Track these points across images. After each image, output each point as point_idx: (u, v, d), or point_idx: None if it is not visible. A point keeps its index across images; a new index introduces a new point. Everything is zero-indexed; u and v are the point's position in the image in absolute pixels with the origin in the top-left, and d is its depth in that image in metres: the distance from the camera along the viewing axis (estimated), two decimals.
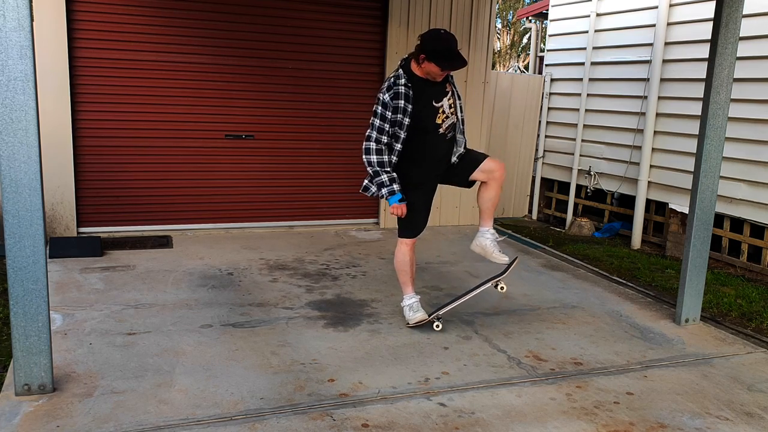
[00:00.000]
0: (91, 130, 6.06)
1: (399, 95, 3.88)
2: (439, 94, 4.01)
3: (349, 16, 6.77)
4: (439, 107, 4.00)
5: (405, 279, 4.26)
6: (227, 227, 6.69)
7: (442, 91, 4.03)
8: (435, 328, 4.18)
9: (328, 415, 3.10)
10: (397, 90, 3.88)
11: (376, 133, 3.93)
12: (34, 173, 2.95)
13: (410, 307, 4.25)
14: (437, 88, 4.00)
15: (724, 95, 4.27)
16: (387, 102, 3.88)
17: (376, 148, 3.94)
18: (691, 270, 4.48)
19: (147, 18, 6.07)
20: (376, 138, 3.93)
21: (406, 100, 3.88)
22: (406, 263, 4.22)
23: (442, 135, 4.06)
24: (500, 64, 23.10)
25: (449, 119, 4.06)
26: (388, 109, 3.89)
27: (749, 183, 6.33)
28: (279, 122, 6.69)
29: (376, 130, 3.93)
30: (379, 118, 3.92)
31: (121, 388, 3.25)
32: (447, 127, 4.06)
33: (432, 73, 3.89)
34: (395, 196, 3.95)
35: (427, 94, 3.95)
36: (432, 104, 3.97)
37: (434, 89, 3.99)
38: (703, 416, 3.27)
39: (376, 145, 3.94)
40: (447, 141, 4.10)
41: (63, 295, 4.57)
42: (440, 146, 4.09)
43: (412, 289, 4.28)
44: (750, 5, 5.28)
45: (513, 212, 9.17)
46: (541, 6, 11.90)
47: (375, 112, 3.94)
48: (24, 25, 2.86)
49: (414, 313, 4.21)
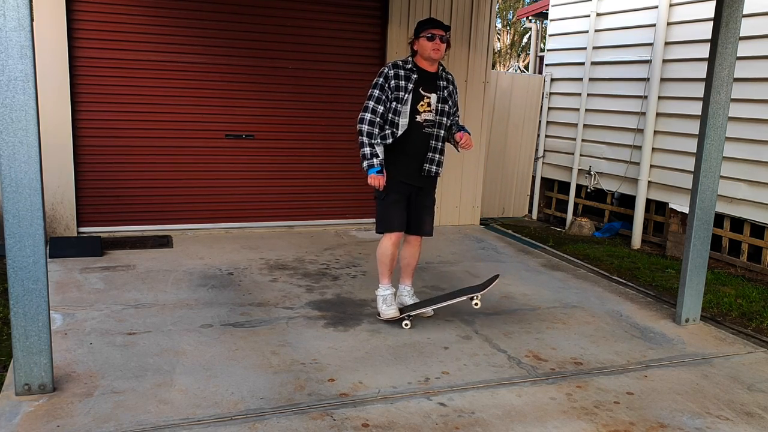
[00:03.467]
0: (91, 130, 6.06)
1: (400, 75, 4.04)
2: (430, 86, 4.13)
3: (349, 16, 6.77)
4: (424, 96, 4.09)
5: (383, 269, 4.24)
6: (227, 227, 6.69)
7: (434, 86, 4.14)
8: (404, 326, 4.18)
9: (329, 414, 3.10)
10: (399, 71, 4.05)
11: (373, 102, 4.05)
12: (34, 173, 2.95)
13: (384, 299, 4.24)
14: (431, 81, 4.13)
15: (724, 95, 4.27)
16: (390, 75, 4.03)
17: (369, 119, 4.04)
18: (691, 270, 4.48)
19: (147, 18, 6.07)
20: (372, 108, 4.04)
21: (407, 80, 4.03)
22: (387, 256, 4.20)
23: (419, 124, 4.09)
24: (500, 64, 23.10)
25: (430, 114, 4.11)
26: (390, 80, 4.02)
27: (749, 183, 6.33)
28: (279, 122, 6.69)
29: (373, 100, 4.05)
30: (378, 89, 4.05)
31: (121, 388, 3.25)
32: (426, 120, 4.09)
33: (426, 49, 4.05)
34: (373, 169, 4.02)
35: (420, 81, 4.08)
36: (419, 90, 4.07)
37: (427, 80, 4.12)
38: (703, 416, 3.27)
39: (370, 115, 4.04)
40: (424, 134, 4.12)
41: (63, 294, 4.57)
42: (417, 137, 4.10)
43: (389, 280, 4.25)
44: (750, 5, 5.28)
45: (513, 212, 9.16)
46: (541, 6, 11.91)
47: (374, 84, 4.07)
48: (24, 25, 2.86)
49: (387, 307, 4.21)
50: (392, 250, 4.19)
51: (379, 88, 4.05)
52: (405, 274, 4.46)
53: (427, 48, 4.04)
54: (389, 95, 4.04)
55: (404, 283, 4.48)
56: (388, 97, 4.04)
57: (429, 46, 4.03)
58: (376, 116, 4.03)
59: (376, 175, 4.02)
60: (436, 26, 4.05)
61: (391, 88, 4.04)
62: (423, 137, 4.13)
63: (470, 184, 7.58)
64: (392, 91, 4.03)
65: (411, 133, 4.08)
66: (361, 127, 4.04)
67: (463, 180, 7.50)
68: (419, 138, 4.12)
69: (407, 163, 4.13)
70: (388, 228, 4.18)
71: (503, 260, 6.15)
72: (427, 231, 4.33)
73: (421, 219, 4.28)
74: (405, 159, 4.12)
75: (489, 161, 8.55)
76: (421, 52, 4.09)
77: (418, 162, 4.15)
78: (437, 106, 4.13)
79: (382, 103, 4.04)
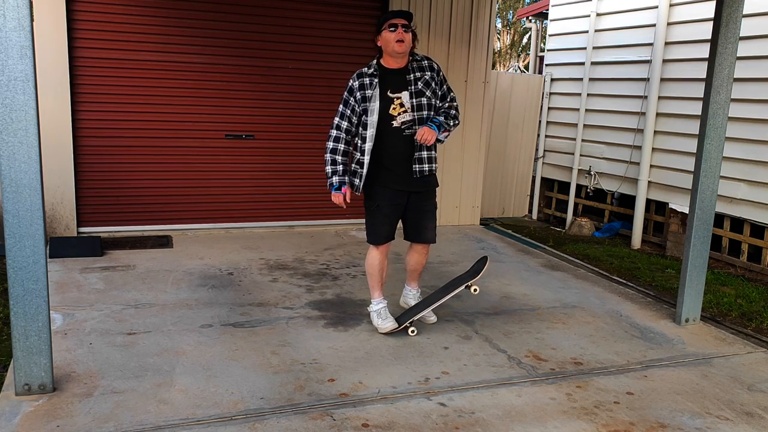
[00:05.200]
0: (91, 130, 6.06)
1: (365, 84, 3.88)
2: (398, 84, 3.88)
3: (349, 16, 6.77)
4: (394, 98, 3.87)
5: (372, 282, 4.14)
6: (227, 227, 6.70)
7: (403, 82, 3.89)
8: (410, 334, 4.09)
9: (329, 414, 3.10)
10: (363, 80, 3.89)
11: (338, 119, 3.98)
12: (34, 173, 2.95)
13: (378, 313, 4.11)
14: (398, 79, 3.89)
15: (724, 95, 4.27)
16: (354, 87, 3.90)
17: (334, 135, 3.98)
18: (691, 270, 4.48)
19: (147, 18, 6.07)
20: (337, 124, 3.97)
21: (370, 87, 3.86)
22: (374, 267, 4.10)
23: (397, 129, 3.89)
24: (500, 64, 23.11)
25: (407, 114, 3.87)
26: (355, 93, 3.89)
27: (749, 183, 6.33)
28: (279, 122, 6.69)
29: (338, 115, 3.98)
30: (342, 104, 3.96)
31: (121, 388, 3.25)
32: (404, 122, 3.89)
33: (389, 43, 3.81)
34: (333, 187, 3.98)
35: (386, 83, 3.88)
36: (387, 94, 3.87)
37: (395, 78, 3.89)
38: (703, 416, 3.27)
39: (335, 132, 3.98)
40: (406, 137, 3.90)
41: (63, 294, 4.57)
42: (397, 143, 3.89)
43: (380, 293, 4.14)
44: (750, 5, 5.28)
45: (513, 212, 9.16)
46: (541, 6, 11.90)
47: (341, 100, 3.97)
48: (24, 25, 2.86)
49: (383, 321, 4.07)
50: (380, 259, 4.09)
51: (343, 103, 3.93)
52: (410, 278, 4.41)
53: (390, 40, 3.78)
54: (356, 108, 3.88)
55: (410, 286, 4.43)
56: (354, 110, 3.90)
57: (392, 38, 3.77)
58: (341, 132, 3.95)
59: (335, 193, 3.97)
60: (397, 16, 3.82)
61: (357, 101, 3.87)
62: (405, 140, 3.90)
63: (470, 184, 7.58)
64: (359, 103, 3.86)
65: (392, 139, 3.88)
66: (326, 145, 3.98)
67: (463, 180, 7.50)
68: (401, 142, 3.90)
69: (395, 170, 3.94)
70: (374, 240, 4.08)
71: (503, 260, 6.15)
72: (429, 237, 4.12)
73: (421, 224, 4.08)
74: (392, 166, 3.93)
75: (489, 161, 8.55)
76: (385, 47, 3.84)
77: (406, 166, 3.94)
78: (412, 103, 3.86)
79: (346, 119, 3.93)
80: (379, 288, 4.15)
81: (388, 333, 4.10)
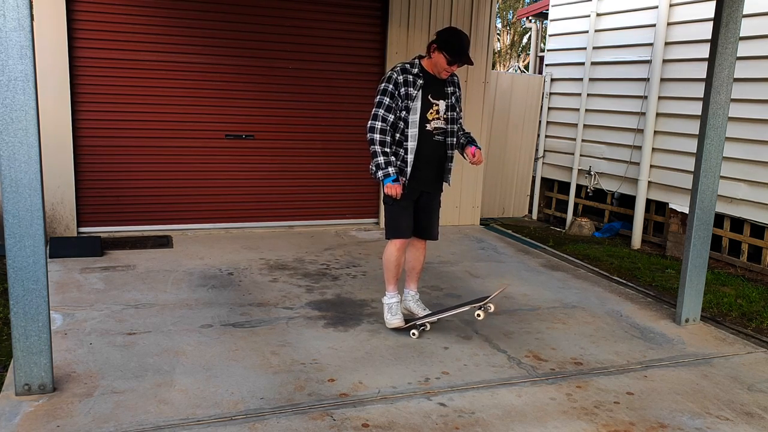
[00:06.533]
0: (91, 130, 6.06)
1: (409, 81, 3.93)
2: (438, 92, 4.03)
3: (349, 16, 6.77)
4: (434, 103, 4.01)
5: (389, 276, 4.19)
6: (227, 227, 6.70)
7: (442, 92, 4.06)
8: (411, 336, 4.10)
9: (328, 415, 3.10)
10: (407, 77, 3.94)
11: (383, 111, 3.93)
12: (34, 173, 2.95)
13: (389, 307, 4.17)
14: (439, 87, 4.04)
15: (724, 95, 4.27)
16: (399, 81, 3.92)
17: (380, 127, 3.92)
18: (691, 270, 4.48)
19: (147, 18, 6.07)
20: (383, 116, 3.92)
21: (414, 86, 3.93)
22: (392, 262, 4.15)
23: (429, 133, 4.01)
24: (500, 64, 23.10)
25: (440, 122, 4.04)
26: (399, 88, 3.91)
27: (749, 183, 6.33)
28: (279, 122, 6.69)
29: (383, 108, 3.93)
30: (388, 96, 3.92)
31: (121, 388, 3.25)
32: (437, 128, 4.04)
33: (439, 66, 3.94)
34: (389, 178, 3.91)
35: (428, 87, 3.99)
36: (428, 98, 3.98)
37: (436, 86, 4.02)
38: (703, 416, 3.27)
39: (381, 124, 3.92)
40: (435, 143, 4.05)
41: (63, 295, 4.57)
42: (426, 146, 4.00)
43: (394, 287, 4.20)
44: (750, 5, 5.28)
45: (513, 212, 9.16)
46: (541, 6, 11.90)
47: (383, 91, 3.93)
48: (24, 25, 2.86)
49: (393, 317, 4.14)
50: (397, 255, 4.13)
51: (389, 95, 3.92)
52: (410, 278, 4.41)
53: (443, 66, 3.92)
54: (399, 103, 3.93)
55: (409, 288, 4.43)
56: (398, 105, 3.93)
57: (446, 66, 3.91)
58: (386, 124, 3.92)
59: (393, 184, 3.91)
60: (464, 58, 3.91)
61: (401, 96, 3.91)
62: (435, 146, 4.05)
63: (470, 184, 7.58)
64: (402, 99, 3.92)
65: (422, 142, 3.98)
66: (372, 136, 3.92)
67: (463, 180, 7.49)
68: (431, 147, 4.03)
69: (422, 171, 4.04)
70: (397, 234, 4.10)
71: (503, 260, 6.15)
72: (435, 234, 4.30)
73: (430, 222, 4.24)
74: (420, 166, 4.02)
75: (489, 161, 8.54)
76: (434, 64, 3.95)
77: (432, 171, 4.09)
78: (447, 114, 4.05)
79: (392, 112, 3.92)
80: (393, 282, 4.20)
81: (393, 329, 4.14)
